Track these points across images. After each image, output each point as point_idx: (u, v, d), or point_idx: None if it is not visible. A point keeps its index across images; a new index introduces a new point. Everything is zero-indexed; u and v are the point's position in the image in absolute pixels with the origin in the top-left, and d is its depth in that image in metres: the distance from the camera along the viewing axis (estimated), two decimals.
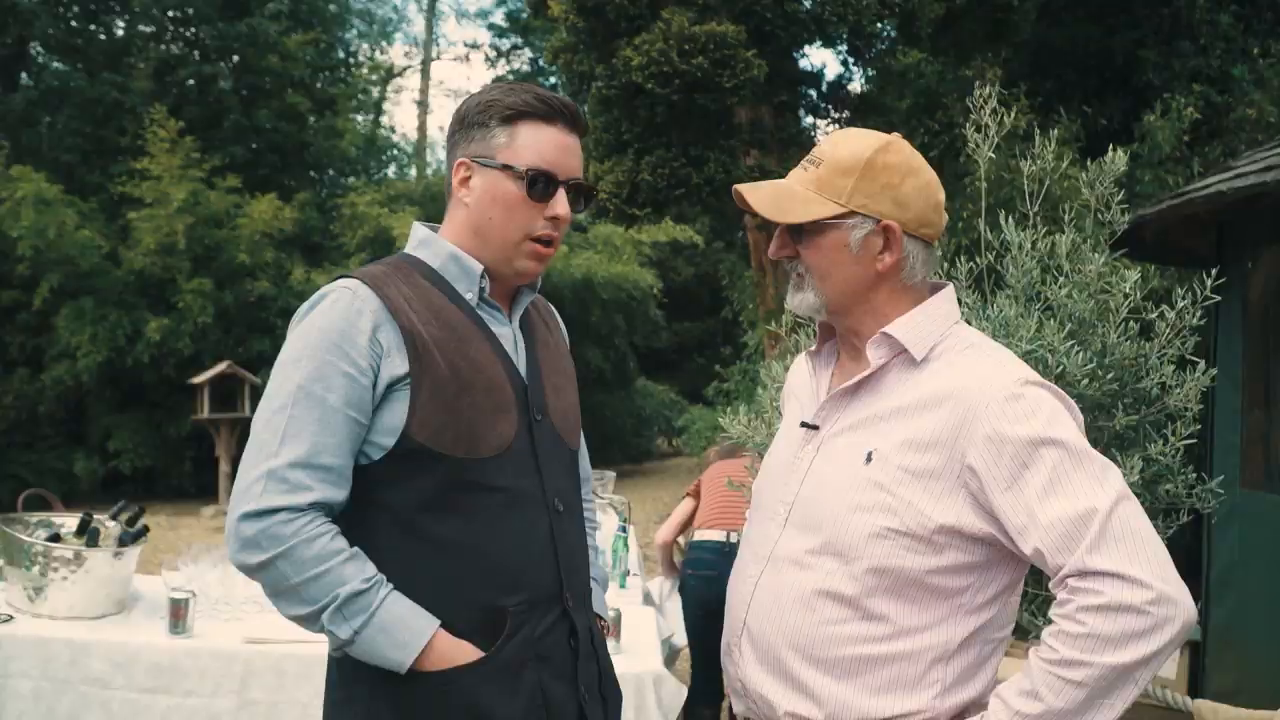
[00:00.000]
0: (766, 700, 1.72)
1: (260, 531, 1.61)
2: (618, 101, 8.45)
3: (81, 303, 11.75)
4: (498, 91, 1.79)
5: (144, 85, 14.20)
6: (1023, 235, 3.37)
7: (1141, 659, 1.47)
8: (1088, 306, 3.18)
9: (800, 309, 1.78)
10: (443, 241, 1.81)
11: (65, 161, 13.40)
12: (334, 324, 1.66)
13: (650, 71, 7.76)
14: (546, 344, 1.92)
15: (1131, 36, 8.24)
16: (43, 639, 3.10)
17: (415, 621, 1.64)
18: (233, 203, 12.81)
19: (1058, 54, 8.47)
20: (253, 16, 14.47)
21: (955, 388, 1.63)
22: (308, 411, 1.63)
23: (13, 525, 3.36)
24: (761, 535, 1.81)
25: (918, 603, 1.64)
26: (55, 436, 12.52)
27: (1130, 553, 1.49)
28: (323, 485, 1.64)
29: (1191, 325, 3.26)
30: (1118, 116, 8.02)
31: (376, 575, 1.65)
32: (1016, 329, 3.09)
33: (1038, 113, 7.80)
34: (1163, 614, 1.47)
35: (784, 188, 1.75)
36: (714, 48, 7.60)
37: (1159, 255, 5.48)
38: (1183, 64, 7.87)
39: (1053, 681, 1.50)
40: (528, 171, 1.73)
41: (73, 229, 11.60)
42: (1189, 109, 6.80)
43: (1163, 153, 6.85)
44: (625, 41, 8.13)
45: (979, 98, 3.45)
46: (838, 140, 1.76)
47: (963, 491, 1.60)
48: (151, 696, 3.08)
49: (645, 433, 16.44)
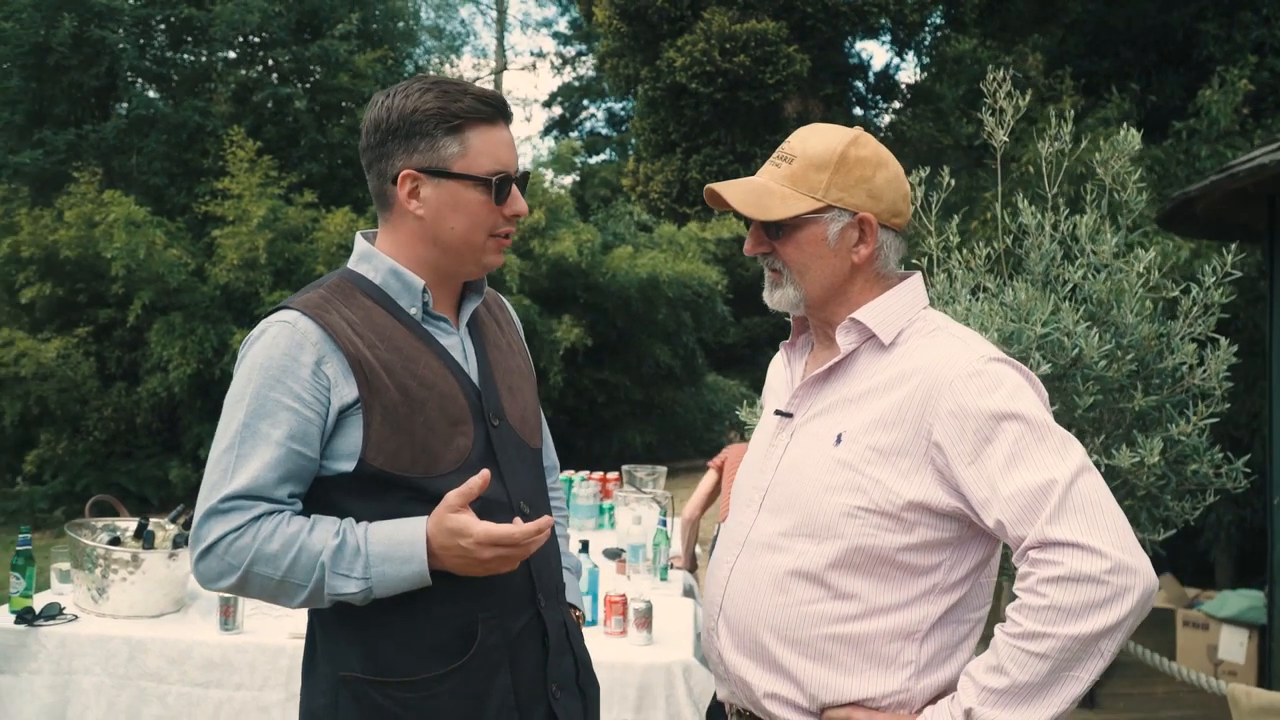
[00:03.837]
0: (745, 683, 1.76)
1: (220, 560, 1.62)
2: (664, 102, 8.48)
3: (171, 318, 12.19)
4: (430, 97, 1.70)
5: (224, 109, 14.68)
6: (1042, 218, 3.36)
7: (1103, 629, 1.47)
8: (1104, 287, 3.15)
9: (779, 305, 1.80)
10: (382, 256, 1.77)
11: (153, 184, 13.90)
12: (275, 359, 1.64)
13: (694, 71, 7.78)
14: (498, 345, 1.90)
15: (1190, 10, 7.98)
16: (104, 637, 3.26)
17: (403, 533, 1.62)
18: (310, 217, 13.13)
19: (1114, 33, 8.24)
20: (324, 38, 14.85)
21: (920, 366, 1.66)
22: (252, 449, 1.62)
23: (79, 531, 3.54)
24: (737, 522, 1.84)
25: (890, 581, 1.66)
26: (151, 445, 12.98)
27: (1089, 523, 1.50)
28: (267, 504, 1.63)
29: (1219, 302, 3.21)
30: (1178, 93, 7.78)
31: (340, 522, 1.64)
32: (1030, 312, 3.07)
33: (1087, 94, 7.63)
34: (1121, 583, 1.47)
35: (759, 185, 1.77)
36: (755, 45, 7.58)
37: (1213, 231, 5.33)
38: (1244, 35, 7.59)
39: (1017, 655, 1.51)
40: (492, 178, 1.71)
41: (161, 248, 12.03)
42: (1243, 81, 6.56)
43: (1220, 127, 6.64)
44: (668, 43, 8.14)
45: (992, 81, 3.43)
46: (807, 136, 1.78)
47: (929, 468, 1.62)
48: (204, 690, 3.22)
49: (716, 427, 16.41)
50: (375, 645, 1.68)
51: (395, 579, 1.61)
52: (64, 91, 13.69)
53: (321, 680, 1.73)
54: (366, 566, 1.60)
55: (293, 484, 1.65)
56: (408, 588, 1.63)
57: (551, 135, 26.81)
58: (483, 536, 1.59)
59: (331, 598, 1.62)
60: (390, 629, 1.68)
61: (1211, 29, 7.70)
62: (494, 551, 1.61)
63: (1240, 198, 4.67)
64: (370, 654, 1.68)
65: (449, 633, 1.69)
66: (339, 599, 1.63)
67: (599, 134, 25.77)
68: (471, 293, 1.87)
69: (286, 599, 1.66)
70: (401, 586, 1.62)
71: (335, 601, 1.64)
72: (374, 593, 1.62)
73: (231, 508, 1.61)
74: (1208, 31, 7.72)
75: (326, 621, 1.73)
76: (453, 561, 1.63)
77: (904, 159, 5.97)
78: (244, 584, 1.63)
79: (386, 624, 1.67)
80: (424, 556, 1.60)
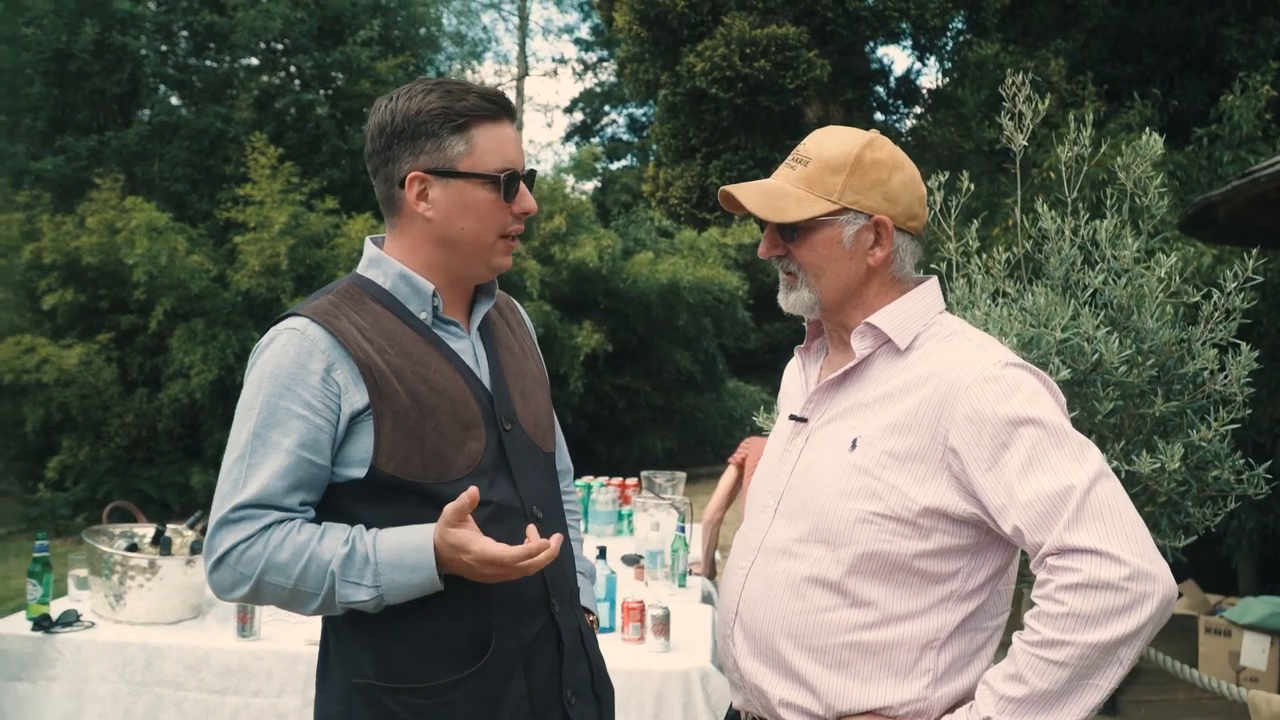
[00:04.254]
0: (761, 690, 1.74)
1: (232, 570, 1.62)
2: (684, 108, 8.48)
3: (193, 324, 12.26)
4: (434, 98, 1.69)
5: (246, 115, 14.78)
6: (1062, 222, 3.33)
7: (1123, 636, 1.45)
8: (1125, 292, 3.12)
9: (794, 308, 1.79)
10: (390, 261, 1.76)
11: (175, 191, 14.01)
12: (284, 367, 1.64)
13: (714, 77, 7.79)
14: (510, 348, 1.89)
15: (1213, 15, 7.93)
16: (120, 644, 3.27)
17: (411, 541, 1.61)
18: (331, 223, 13.19)
19: (1137, 38, 8.18)
20: (346, 45, 14.94)
21: (936, 371, 1.64)
22: (263, 458, 1.62)
23: (97, 537, 3.54)
24: (753, 527, 1.83)
25: (907, 588, 1.64)
26: (173, 451, 13.04)
27: (1107, 529, 1.48)
28: (278, 512, 1.63)
29: (1242, 308, 3.17)
30: (1201, 98, 7.73)
31: (350, 530, 1.64)
32: (1050, 317, 3.05)
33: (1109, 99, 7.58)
34: (1140, 590, 1.45)
35: (774, 187, 1.76)
36: (775, 50, 7.59)
37: (1236, 237, 5.28)
38: (1267, 41, 7.53)
39: (1035, 663, 1.49)
40: (500, 175, 1.70)
41: (183, 255, 12.10)
42: (1265, 86, 6.51)
43: (1243, 133, 6.59)
44: (688, 48, 8.16)
45: (1011, 85, 3.41)
46: (822, 138, 1.77)
47: (945, 473, 1.60)
48: (221, 697, 3.22)
49: (737, 433, 16.38)
50: (388, 651, 1.68)
51: (405, 586, 1.61)
52: (86, 98, 13.81)
53: (335, 687, 1.73)
54: (376, 574, 1.60)
55: (304, 492, 1.65)
56: (419, 594, 1.62)
57: (573, 141, 26.87)
58: (480, 555, 1.59)
59: (344, 605, 1.62)
60: (403, 635, 1.67)
61: (1234, 34, 7.65)
62: (493, 569, 1.60)
63: (1262, 202, 4.63)
64: (383, 660, 1.68)
65: (462, 638, 1.68)
66: (351, 606, 1.62)
67: (620, 140, 25.79)
68: (482, 296, 1.86)
69: (300, 607, 1.66)
70: (413, 593, 1.62)
71: (348, 609, 1.63)
72: (385, 600, 1.61)
73: (242, 517, 1.61)
74: (1230, 37, 7.67)
75: (340, 628, 1.73)
76: (460, 570, 1.62)
77: (925, 164, 5.92)
78: (257, 593, 1.63)
79: (399, 630, 1.67)
80: (432, 563, 1.60)
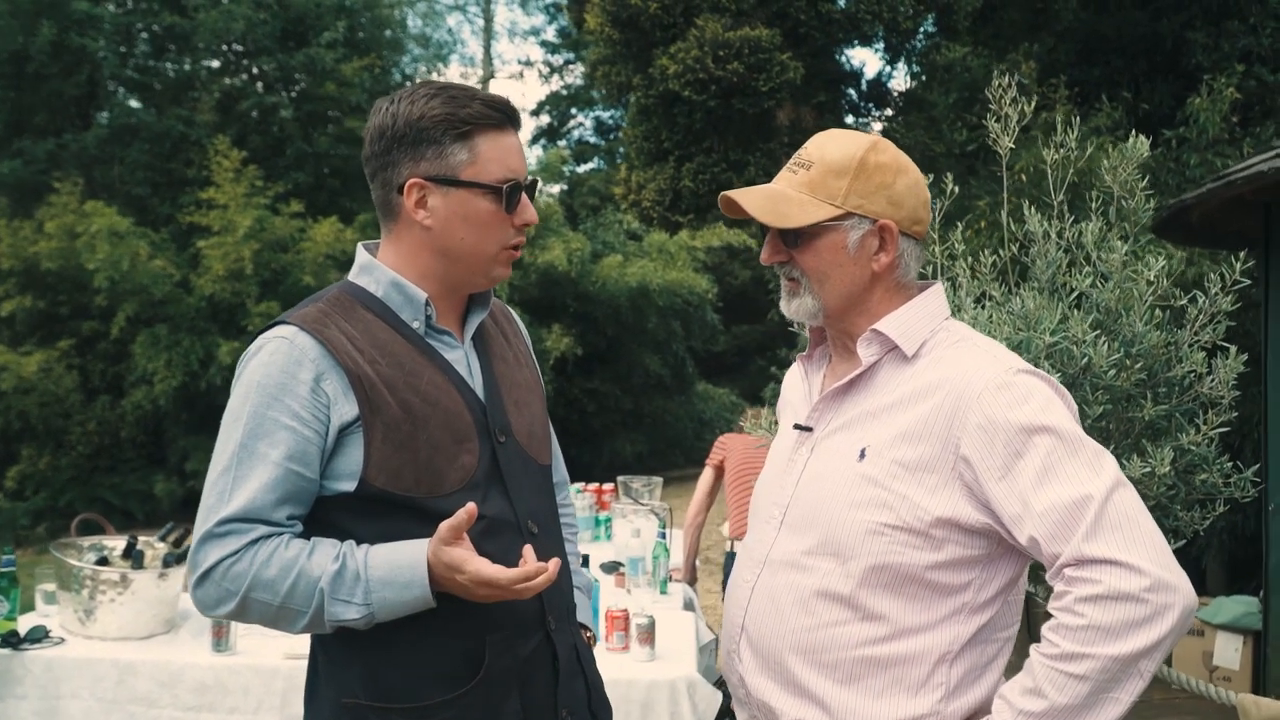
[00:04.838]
0: (769, 707, 1.70)
1: (217, 586, 1.57)
2: (656, 110, 8.47)
3: (156, 330, 12.11)
4: (438, 103, 1.64)
5: (209, 118, 14.63)
6: (1048, 225, 3.33)
7: (1143, 649, 1.43)
8: (1113, 295, 3.12)
9: (797, 315, 1.76)
10: (383, 268, 1.71)
11: (136, 195, 13.83)
12: (272, 377, 1.59)
13: (687, 79, 7.79)
14: (504, 358, 1.84)
15: (1179, 19, 8.04)
16: (91, 660, 3.19)
17: (404, 557, 1.56)
18: (296, 227, 13.07)
19: (1105, 41, 8.29)
20: (310, 47, 14.81)
21: (946, 378, 1.61)
22: (250, 470, 1.57)
23: (65, 550, 3.46)
24: (758, 539, 1.79)
25: (919, 600, 1.61)
26: (136, 460, 12.88)
27: (1127, 539, 1.45)
28: (265, 526, 1.58)
29: (1226, 310, 3.18)
30: (1168, 101, 7.83)
31: (340, 546, 1.59)
32: (1039, 321, 3.04)
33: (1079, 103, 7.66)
34: (1162, 601, 1.43)
35: (776, 191, 1.73)
36: (749, 52, 7.59)
37: (1208, 239, 5.32)
38: (1232, 44, 7.65)
39: (1055, 677, 1.46)
40: (503, 186, 1.65)
41: (145, 259, 11.96)
42: (1230, 89, 6.60)
43: (1209, 135, 6.67)
44: (661, 51, 8.16)
45: (997, 88, 3.41)
46: (824, 142, 1.74)
47: (958, 483, 1.57)
48: (196, 714, 3.15)
49: (707, 436, 16.41)
50: (378, 670, 1.63)
51: (397, 604, 1.56)
52: (43, 100, 13.61)
53: (324, 705, 1.67)
54: (367, 592, 1.55)
55: (292, 505, 1.59)
56: (411, 612, 1.57)
57: (540, 144, 26.81)
58: (475, 576, 1.53)
59: (333, 624, 1.57)
60: (394, 653, 1.63)
61: (1200, 38, 7.77)
62: (488, 591, 1.55)
63: (1235, 205, 4.65)
64: (373, 679, 1.63)
65: (455, 657, 1.63)
66: (340, 624, 1.57)
67: (587, 142, 25.79)
68: (477, 305, 1.80)
69: (287, 625, 1.60)
70: (405, 610, 1.57)
71: (337, 627, 1.58)
72: (376, 618, 1.56)
73: (228, 531, 1.56)
74: (1196, 40, 7.79)
75: (329, 646, 1.68)
76: (454, 590, 1.57)
77: None
78: (243, 610, 1.58)
79: (390, 648, 1.62)
80: (425, 580, 1.55)
